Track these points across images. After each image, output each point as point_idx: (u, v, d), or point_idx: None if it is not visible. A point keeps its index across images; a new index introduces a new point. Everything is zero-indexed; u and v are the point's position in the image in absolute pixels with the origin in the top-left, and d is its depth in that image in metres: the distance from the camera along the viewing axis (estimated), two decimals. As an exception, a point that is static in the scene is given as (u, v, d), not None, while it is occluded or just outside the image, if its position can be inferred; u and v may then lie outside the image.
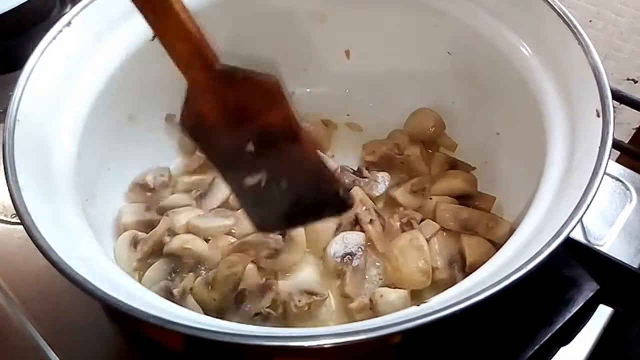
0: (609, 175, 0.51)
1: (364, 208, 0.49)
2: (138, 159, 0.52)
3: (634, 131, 0.80)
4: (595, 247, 0.29)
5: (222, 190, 0.50)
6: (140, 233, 0.47)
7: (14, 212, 0.29)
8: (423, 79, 0.56)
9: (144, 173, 0.51)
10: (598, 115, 0.32)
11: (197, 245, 0.46)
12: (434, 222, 0.48)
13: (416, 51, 0.54)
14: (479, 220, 0.47)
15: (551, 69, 0.41)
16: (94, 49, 0.41)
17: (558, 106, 0.39)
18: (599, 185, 0.29)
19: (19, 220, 0.30)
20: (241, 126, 0.32)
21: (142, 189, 0.51)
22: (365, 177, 0.52)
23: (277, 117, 0.32)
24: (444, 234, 0.48)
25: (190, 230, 0.48)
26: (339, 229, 0.49)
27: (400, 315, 0.27)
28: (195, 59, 0.31)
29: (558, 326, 0.27)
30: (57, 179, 0.37)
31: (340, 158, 0.56)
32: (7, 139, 0.32)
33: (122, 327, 0.35)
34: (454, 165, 0.54)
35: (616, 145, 0.59)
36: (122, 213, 0.48)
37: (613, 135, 0.30)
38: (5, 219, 0.49)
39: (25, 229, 0.30)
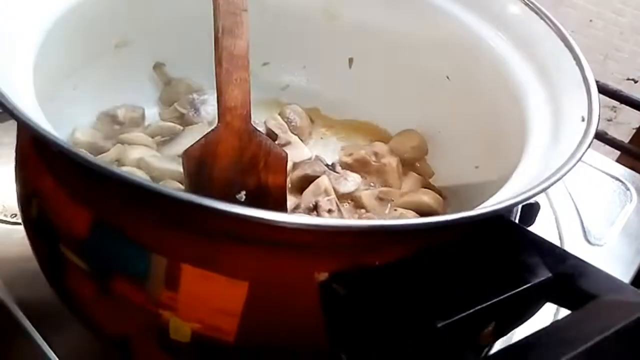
0: (609, 175, 0.51)
1: (327, 198, 0.47)
2: (111, 91, 0.49)
3: (634, 131, 0.79)
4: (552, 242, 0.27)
5: (186, 141, 0.48)
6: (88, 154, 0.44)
7: (14, 212, 0.29)
8: (416, 103, 0.56)
9: (115, 106, 0.49)
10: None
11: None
12: (393, 230, 0.46)
13: (417, 72, 0.54)
14: (440, 238, 0.45)
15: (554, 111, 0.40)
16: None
17: (543, 149, 0.38)
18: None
19: (19, 221, 0.29)
20: (244, 175, 0.38)
21: (111, 121, 0.48)
22: (337, 172, 0.50)
23: (276, 182, 0.40)
24: (401, 244, 0.45)
25: (141, 166, 0.45)
26: (296, 210, 0.47)
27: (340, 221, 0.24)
28: (241, 108, 0.38)
29: (498, 298, 0.24)
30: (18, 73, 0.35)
31: (316, 152, 0.54)
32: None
33: (27, 201, 0.31)
34: (425, 187, 0.52)
35: (616, 145, 0.59)
36: (76, 130, 0.45)
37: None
38: (5, 219, 0.48)
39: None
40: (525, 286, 0.25)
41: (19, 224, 0.30)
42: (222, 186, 0.36)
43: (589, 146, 0.29)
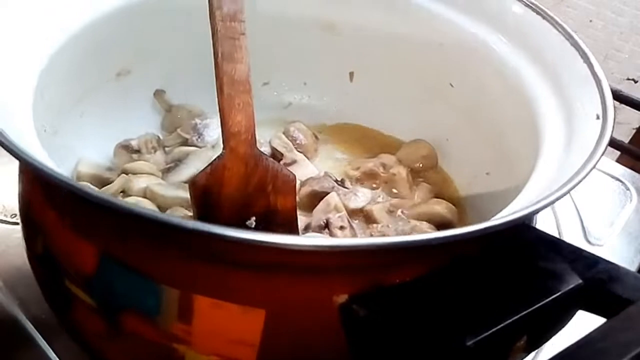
0: (609, 175, 0.50)
1: (337, 215, 0.46)
2: (116, 120, 0.49)
3: (634, 131, 0.79)
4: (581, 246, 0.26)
5: (193, 167, 0.47)
6: (92, 187, 0.44)
7: (14, 212, 0.31)
8: (421, 112, 0.55)
9: (127, 138, 0.49)
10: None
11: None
12: (407, 243, 0.45)
13: (420, 82, 0.54)
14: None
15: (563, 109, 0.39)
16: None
17: (558, 151, 0.37)
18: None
19: (19, 221, 0.30)
20: (253, 200, 0.38)
21: (128, 151, 0.48)
22: (347, 188, 0.49)
23: (286, 204, 0.40)
24: (417, 257, 0.44)
25: (146, 195, 0.44)
26: (307, 229, 0.46)
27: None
28: (245, 132, 0.38)
29: (526, 311, 0.23)
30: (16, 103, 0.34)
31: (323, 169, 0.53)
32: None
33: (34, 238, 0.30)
34: (438, 197, 0.51)
35: (616, 145, 0.59)
36: (80, 162, 0.45)
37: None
38: (5, 219, 0.48)
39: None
40: (554, 295, 0.24)
41: (19, 224, 0.31)
42: (230, 213, 0.35)
43: (607, 143, 0.28)
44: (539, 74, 0.40)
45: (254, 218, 0.36)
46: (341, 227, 0.45)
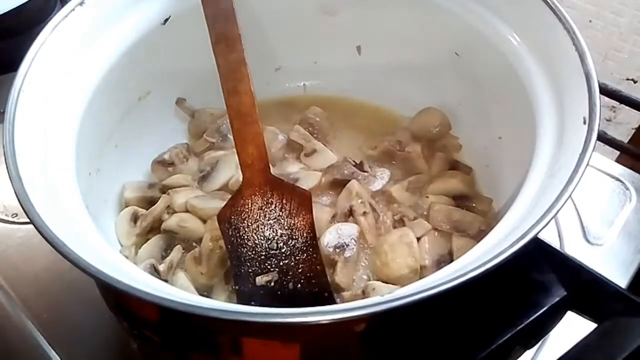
0: (608, 175, 0.52)
1: (360, 201, 0.50)
2: (147, 139, 0.53)
3: (634, 131, 0.80)
4: (565, 252, 0.29)
5: (223, 174, 0.51)
6: (140, 209, 0.49)
7: (15, 212, 0.29)
8: (431, 79, 0.56)
9: (161, 152, 0.53)
10: (584, 123, 0.32)
11: (193, 224, 0.48)
12: (425, 222, 0.48)
13: (426, 51, 0.55)
14: (471, 222, 0.47)
15: (547, 74, 0.41)
16: (105, 29, 0.43)
17: (550, 112, 0.39)
18: (572, 191, 0.29)
19: (19, 221, 0.30)
20: (274, 222, 0.41)
21: (162, 166, 0.53)
22: (365, 172, 0.53)
23: (304, 220, 0.42)
24: (436, 233, 0.48)
25: (188, 209, 0.49)
26: (333, 220, 0.50)
27: (365, 302, 0.28)
28: (258, 162, 0.40)
29: (518, 328, 0.28)
30: (55, 153, 0.38)
31: (342, 150, 0.56)
32: (10, 107, 0.33)
33: (107, 299, 0.36)
34: (454, 166, 0.54)
35: (616, 145, 0.60)
36: (125, 188, 0.50)
37: (595, 144, 0.30)
38: (5, 218, 0.49)
39: (17, 197, 0.31)
40: (543, 309, 0.28)
41: (20, 223, 0.32)
42: (255, 237, 0.39)
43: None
44: (532, 55, 0.41)
45: (276, 239, 0.40)
46: (364, 213, 0.49)
